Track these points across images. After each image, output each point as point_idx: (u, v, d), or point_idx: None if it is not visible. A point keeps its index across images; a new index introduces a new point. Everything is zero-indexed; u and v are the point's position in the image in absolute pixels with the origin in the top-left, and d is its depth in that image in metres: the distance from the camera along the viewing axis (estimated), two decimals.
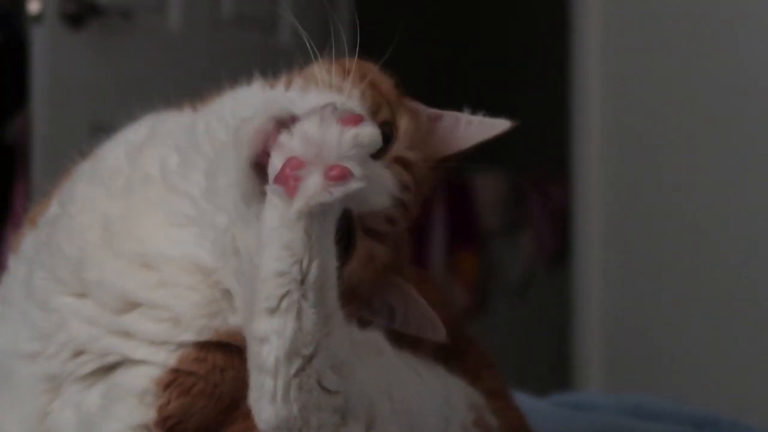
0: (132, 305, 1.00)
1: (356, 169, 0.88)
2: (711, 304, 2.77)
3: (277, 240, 0.90)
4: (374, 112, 1.03)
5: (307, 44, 1.05)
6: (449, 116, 1.11)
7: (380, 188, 0.99)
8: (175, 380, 0.98)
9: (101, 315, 1.00)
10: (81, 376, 1.00)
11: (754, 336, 2.66)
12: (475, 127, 1.10)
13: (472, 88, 5.00)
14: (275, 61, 1.10)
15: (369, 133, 0.91)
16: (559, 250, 4.12)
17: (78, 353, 1.00)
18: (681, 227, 2.86)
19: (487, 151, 1.09)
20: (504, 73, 5.04)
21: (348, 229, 0.99)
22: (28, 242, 1.09)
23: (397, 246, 1.04)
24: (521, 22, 5.03)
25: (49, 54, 2.85)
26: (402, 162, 1.03)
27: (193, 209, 1.01)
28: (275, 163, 0.90)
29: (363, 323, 1.04)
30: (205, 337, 0.98)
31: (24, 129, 3.03)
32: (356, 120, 0.90)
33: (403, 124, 1.05)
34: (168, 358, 0.98)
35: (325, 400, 0.93)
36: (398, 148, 1.04)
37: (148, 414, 0.97)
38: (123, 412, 0.98)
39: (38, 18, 2.83)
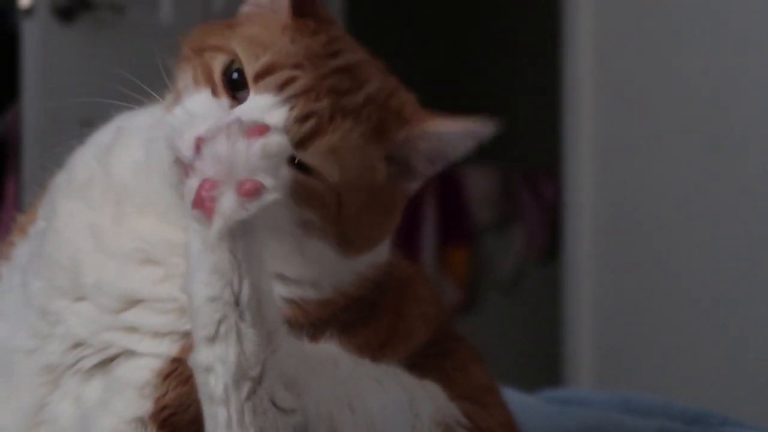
0: (134, 302, 1.00)
1: (268, 181, 0.87)
2: (701, 301, 2.78)
3: (203, 265, 0.88)
4: None
5: None
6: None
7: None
8: (175, 370, 0.97)
9: (101, 316, 1.00)
10: (82, 370, 1.00)
11: (743, 333, 2.67)
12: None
13: (465, 84, 5.00)
14: None
15: (276, 142, 0.89)
16: (550, 245, 4.12)
17: (77, 345, 1.00)
18: (671, 224, 2.87)
19: (478, 147, 1.08)
20: (496, 70, 5.04)
21: None
22: (21, 251, 1.10)
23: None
24: (513, 18, 5.03)
25: (40, 48, 2.85)
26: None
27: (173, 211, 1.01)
28: (191, 188, 0.89)
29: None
30: None
31: (15, 123, 3.02)
32: (261, 130, 0.89)
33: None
34: (171, 348, 0.98)
35: (282, 420, 0.91)
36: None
37: (145, 406, 0.97)
38: (120, 405, 0.98)
39: (29, 12, 2.83)
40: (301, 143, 0.98)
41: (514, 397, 1.26)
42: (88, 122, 1.16)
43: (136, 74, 1.10)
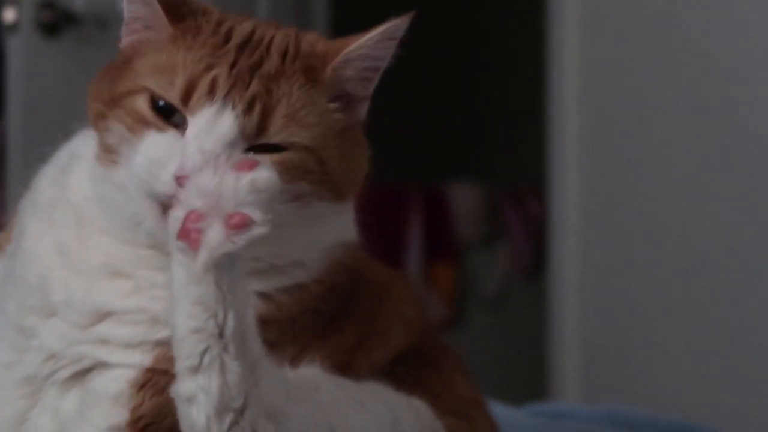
0: (104, 315, 1.00)
1: (257, 215, 0.88)
2: (687, 317, 2.78)
3: (187, 297, 0.89)
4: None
5: None
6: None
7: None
8: (150, 380, 0.98)
9: (71, 331, 1.01)
10: (58, 381, 1.01)
11: (730, 348, 2.67)
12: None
13: (449, 99, 5.01)
14: None
15: (265, 177, 0.90)
16: (535, 263, 4.12)
17: (51, 357, 1.01)
18: (657, 241, 2.87)
19: (464, 163, 1.09)
20: (480, 86, 5.05)
21: None
22: None
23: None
24: (498, 36, 5.04)
25: (25, 63, 2.84)
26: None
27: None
28: (176, 219, 0.89)
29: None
30: None
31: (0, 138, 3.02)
32: (251, 165, 0.90)
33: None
34: (143, 358, 0.99)
35: None
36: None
37: (121, 415, 0.98)
38: (96, 417, 0.98)
39: (14, 27, 2.82)
40: (260, 129, 0.99)
41: (500, 411, 1.27)
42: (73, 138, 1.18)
43: None
